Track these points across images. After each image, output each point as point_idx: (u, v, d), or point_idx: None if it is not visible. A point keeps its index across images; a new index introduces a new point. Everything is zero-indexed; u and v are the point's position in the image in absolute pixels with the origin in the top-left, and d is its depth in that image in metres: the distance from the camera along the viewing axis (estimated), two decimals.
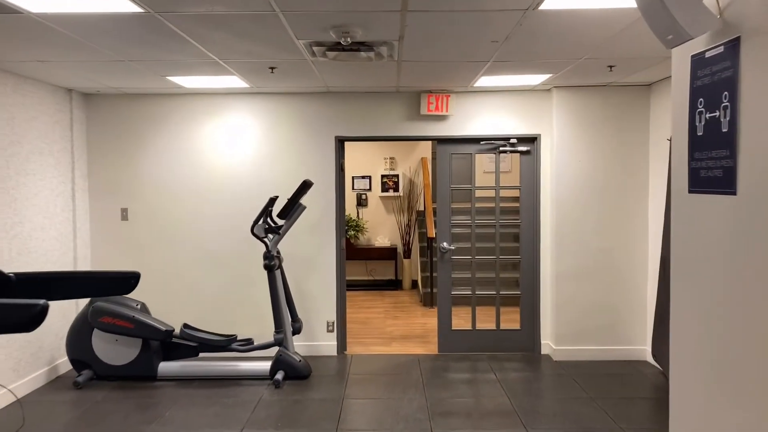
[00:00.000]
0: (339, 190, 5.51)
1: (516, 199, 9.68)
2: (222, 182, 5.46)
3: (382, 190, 9.29)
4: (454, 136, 5.43)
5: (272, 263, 4.71)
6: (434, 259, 7.78)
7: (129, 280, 3.08)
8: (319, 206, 5.46)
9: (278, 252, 4.95)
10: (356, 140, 5.52)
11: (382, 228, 9.40)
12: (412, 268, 9.23)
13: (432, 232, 7.67)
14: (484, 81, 4.87)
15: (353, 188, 9.39)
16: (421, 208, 9.23)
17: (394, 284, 9.20)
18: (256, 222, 4.67)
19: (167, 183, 5.46)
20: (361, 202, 9.35)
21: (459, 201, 5.69)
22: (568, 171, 5.26)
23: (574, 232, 5.27)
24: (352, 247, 9.02)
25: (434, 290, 7.75)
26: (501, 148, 5.46)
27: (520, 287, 5.56)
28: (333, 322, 5.51)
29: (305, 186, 4.70)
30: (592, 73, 4.59)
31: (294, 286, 5.49)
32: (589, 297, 5.31)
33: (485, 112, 5.42)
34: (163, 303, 5.50)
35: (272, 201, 4.72)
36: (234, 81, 4.82)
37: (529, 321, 5.55)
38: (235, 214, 5.44)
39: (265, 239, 4.79)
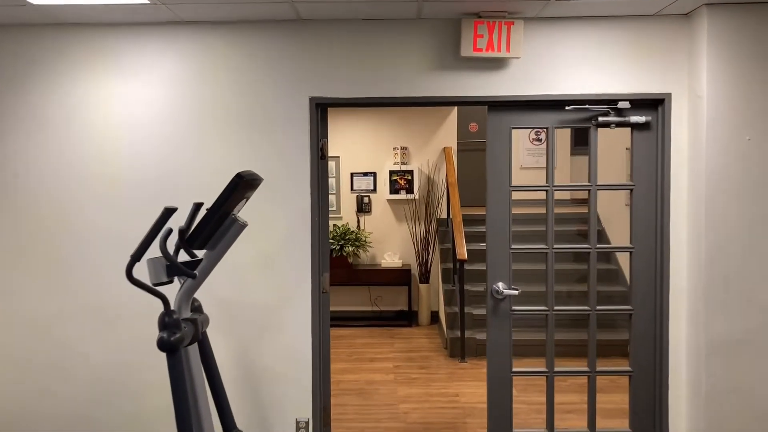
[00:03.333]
0: (319, 191, 3.20)
1: (573, 203, 7.31)
2: (117, 180, 3.16)
3: (392, 192, 6.96)
4: (520, 96, 3.09)
5: (177, 337, 2.38)
6: (464, 286, 5.46)
7: None
8: (281, 220, 3.15)
9: (197, 308, 2.64)
10: (347, 105, 3.19)
11: (390, 242, 7.07)
12: (432, 296, 6.89)
13: (463, 253, 5.33)
14: None
15: (352, 189, 7.06)
16: (444, 216, 6.90)
17: (407, 317, 6.87)
18: (137, 256, 2.34)
19: (19, 180, 3.16)
20: (363, 208, 7.02)
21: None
22: (729, 158, 2.91)
23: (741, 270, 2.93)
24: (350, 269, 6.70)
25: (465, 334, 5.43)
26: (600, 119, 3.11)
27: (631, 360, 3.21)
28: (307, 422, 3.18)
29: (240, 184, 2.38)
30: None
31: (234, 364, 3.18)
32: (766, 385, 2.96)
33: (572, 55, 3.08)
34: (3, 390, 3.20)
35: (170, 214, 2.37)
36: None
37: (647, 418, 3.20)
38: (139, 233, 3.13)
39: (161, 287, 2.48)
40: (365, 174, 7.02)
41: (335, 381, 4.80)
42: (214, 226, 2.46)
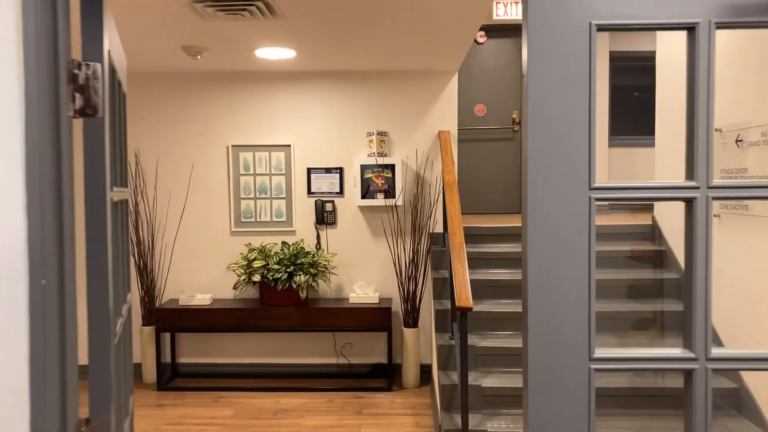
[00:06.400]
0: (61, 197, 1.18)
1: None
2: None
3: (365, 196, 4.95)
4: None
5: None
6: (469, 340, 3.42)
7: None
8: None
9: None
10: None
11: (363, 268, 5.05)
12: (422, 345, 4.86)
13: (466, 298, 3.29)
14: None
15: (309, 192, 5.05)
16: (439, 229, 4.88)
17: (387, 374, 4.84)
18: None
19: None
20: (325, 219, 5.01)
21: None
22: None
23: None
24: (304, 307, 4.70)
25: (470, 423, 3.39)
26: None
27: None
28: None
29: None
30: None
31: None
32: None
33: None
34: None
35: None
36: None
37: None
38: None
39: None
40: (328, 170, 5.00)
41: None
42: None
